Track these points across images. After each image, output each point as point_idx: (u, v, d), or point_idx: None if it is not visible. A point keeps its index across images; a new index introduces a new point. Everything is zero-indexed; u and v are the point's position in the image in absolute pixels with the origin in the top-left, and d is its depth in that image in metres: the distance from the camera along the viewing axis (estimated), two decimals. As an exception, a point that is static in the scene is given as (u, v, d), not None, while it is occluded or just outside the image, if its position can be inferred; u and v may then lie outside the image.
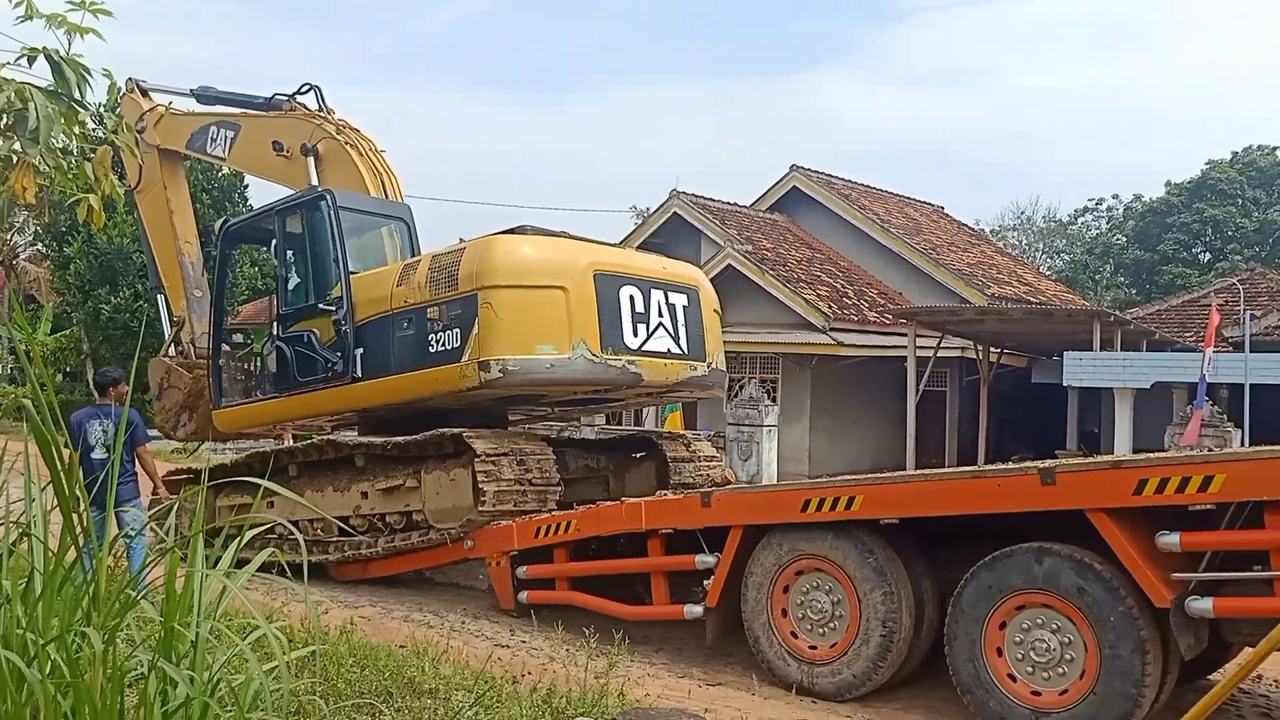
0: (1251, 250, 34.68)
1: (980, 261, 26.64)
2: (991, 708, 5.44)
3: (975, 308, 19.63)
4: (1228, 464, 4.85)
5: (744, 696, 6.11)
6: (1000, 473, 5.63)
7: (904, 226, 25.66)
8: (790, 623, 6.30)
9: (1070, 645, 5.26)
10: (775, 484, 6.65)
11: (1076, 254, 43.24)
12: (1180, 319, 23.40)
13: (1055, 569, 5.29)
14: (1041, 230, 46.23)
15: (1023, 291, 25.29)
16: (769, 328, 21.46)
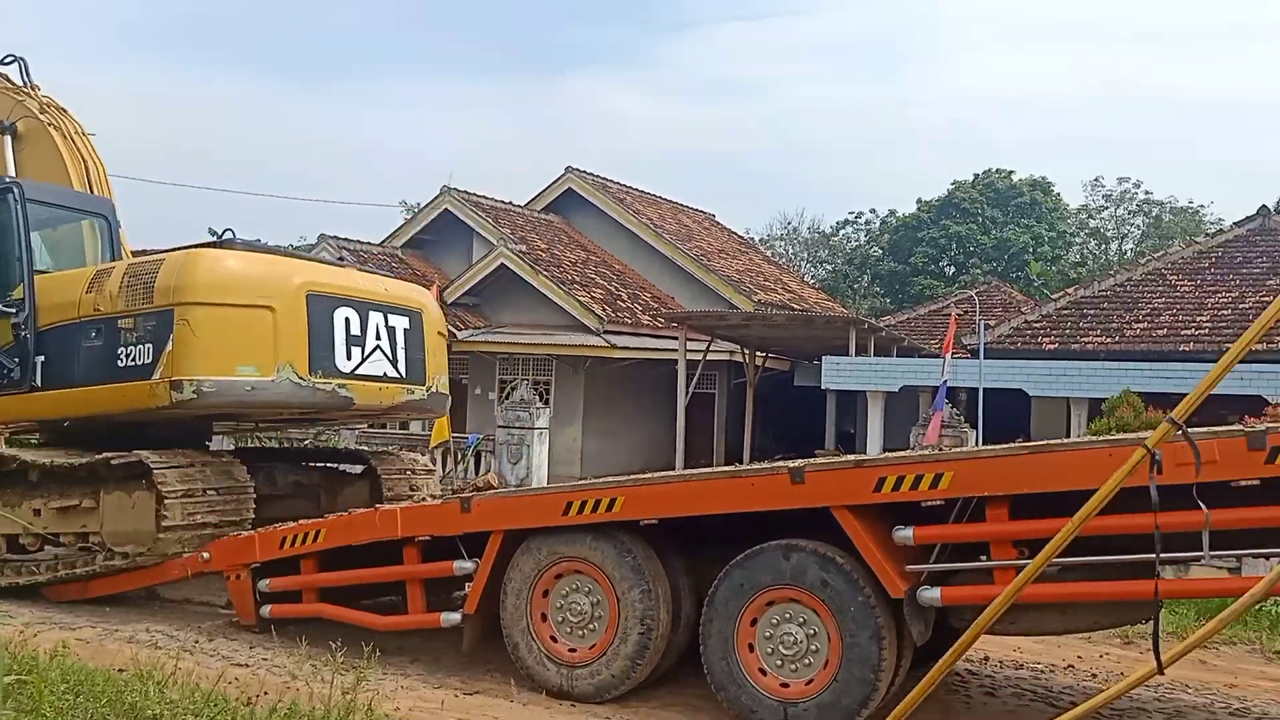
0: (990, 265, 38.29)
1: (749, 269, 27.95)
2: (743, 702, 5.71)
3: (743, 313, 20.58)
4: (954, 463, 5.31)
5: (502, 704, 6.10)
6: (753, 472, 5.90)
7: (677, 232, 26.52)
8: (550, 627, 6.35)
9: (815, 637, 5.61)
10: (536, 487, 6.69)
11: (838, 264, 46.20)
12: (927, 327, 25.55)
13: (801, 564, 5.63)
14: (806, 240, 49.08)
15: (788, 298, 26.75)
16: (542, 329, 21.58)
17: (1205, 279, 20.38)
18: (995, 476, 5.21)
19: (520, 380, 19.69)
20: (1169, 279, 20.71)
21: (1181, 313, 19.52)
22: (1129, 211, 45.43)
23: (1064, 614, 5.50)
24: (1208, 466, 4.60)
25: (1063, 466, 5.06)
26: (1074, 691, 6.96)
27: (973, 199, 39.86)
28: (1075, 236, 43.83)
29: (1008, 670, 7.45)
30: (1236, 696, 6.93)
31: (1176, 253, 22.22)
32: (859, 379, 19.05)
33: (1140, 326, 19.39)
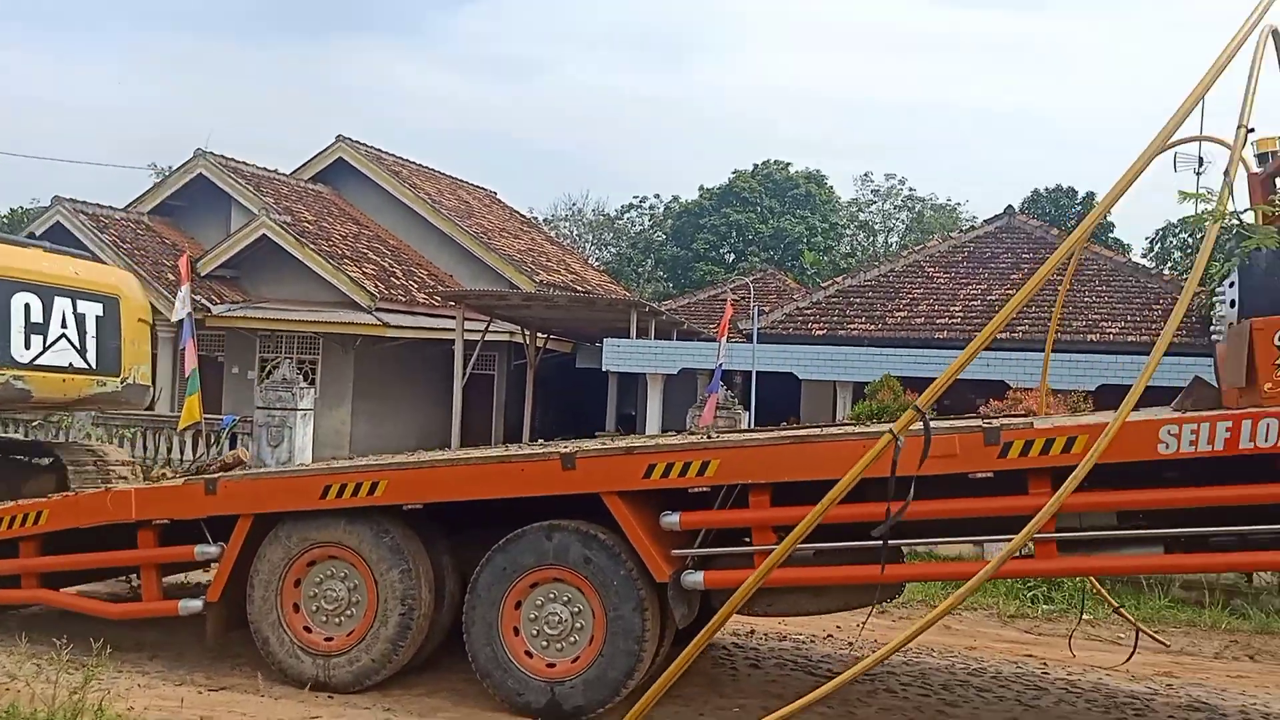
0: (768, 253, 40.07)
1: (531, 248, 27.94)
2: (510, 687, 5.75)
3: (523, 293, 20.57)
4: (720, 451, 5.52)
5: (251, 699, 5.87)
6: (524, 458, 5.92)
7: (456, 209, 26.13)
8: (303, 617, 6.14)
9: (580, 614, 5.73)
10: (290, 468, 6.44)
11: (622, 248, 47.01)
12: (707, 311, 26.46)
13: (564, 543, 5.74)
14: (591, 223, 49.62)
15: (570, 280, 26.95)
16: (308, 306, 20.73)
17: (958, 272, 22.19)
18: (758, 465, 5.46)
19: (283, 359, 18.82)
20: (927, 271, 22.41)
21: (937, 302, 21.18)
22: (895, 206, 48.80)
23: (817, 596, 5.83)
24: (950, 459, 5.07)
25: (821, 456, 5.38)
26: (832, 660, 7.45)
27: (752, 189, 41.55)
28: (846, 228, 46.59)
29: (771, 641, 7.88)
30: (974, 658, 7.66)
31: (934, 247, 24.07)
32: (639, 361, 19.49)
33: (900, 315, 20.89)
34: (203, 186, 22.70)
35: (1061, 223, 32.81)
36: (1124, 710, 6.47)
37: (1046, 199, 38.09)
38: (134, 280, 9.66)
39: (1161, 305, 19.89)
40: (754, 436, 5.71)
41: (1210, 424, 4.82)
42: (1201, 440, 4.80)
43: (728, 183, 42.39)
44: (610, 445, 5.88)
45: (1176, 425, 4.83)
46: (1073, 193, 38.34)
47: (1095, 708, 6.52)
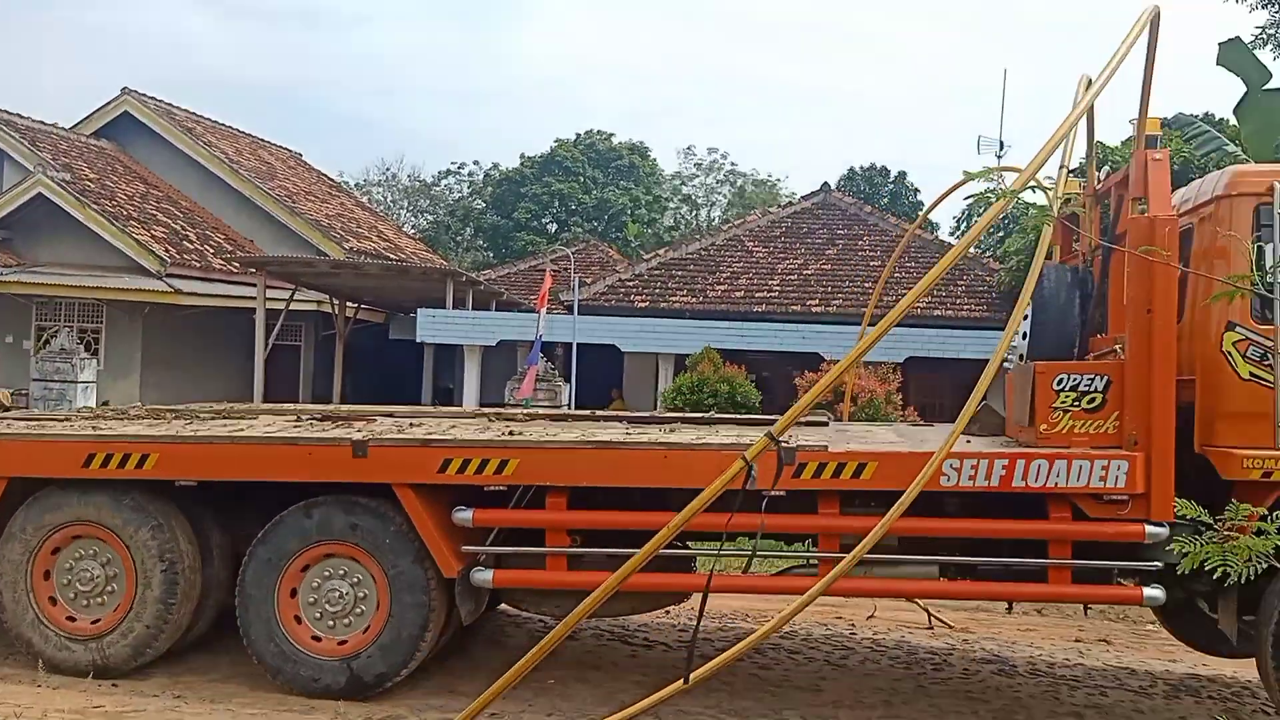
0: (590, 224, 40.21)
1: (340, 213, 27.03)
2: (304, 675, 5.64)
3: (331, 260, 19.87)
4: (520, 450, 5.54)
5: (26, 690, 5.56)
6: (313, 441, 5.74)
7: (257, 170, 24.96)
8: (64, 608, 5.88)
9: (361, 584, 5.69)
10: (55, 431, 6.02)
11: (440, 215, 46.12)
12: (528, 282, 26.33)
13: (327, 517, 5.67)
14: (406, 189, 48.43)
15: (383, 247, 26.23)
16: (90, 271, 19.35)
17: (776, 246, 22.94)
18: (558, 467, 5.53)
19: (62, 328, 17.53)
20: (746, 245, 23.05)
21: (756, 276, 21.83)
22: (717, 180, 49.88)
23: (629, 600, 5.91)
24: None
25: (621, 463, 5.50)
26: (650, 628, 7.62)
27: (575, 158, 41.54)
28: (670, 201, 47.29)
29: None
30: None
31: (754, 221, 24.76)
32: (456, 332, 19.23)
33: (722, 288, 21.42)
34: (-33, 139, 20.80)
35: (875, 200, 34.43)
36: (924, 665, 6.92)
37: (861, 177, 39.83)
38: None
39: (965, 281, 21.17)
40: (556, 439, 5.70)
41: (989, 461, 5.23)
42: (980, 475, 5.21)
43: (550, 151, 42.22)
44: (406, 436, 5.76)
45: (959, 460, 5.21)
46: (885, 171, 40.26)
47: (898, 664, 6.95)
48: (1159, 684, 6.77)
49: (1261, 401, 5.08)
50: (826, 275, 21.70)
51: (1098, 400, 5.28)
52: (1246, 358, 5.17)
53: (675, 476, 5.42)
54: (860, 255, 22.35)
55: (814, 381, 15.50)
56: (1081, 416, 5.29)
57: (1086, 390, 5.28)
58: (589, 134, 43.32)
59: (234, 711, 5.44)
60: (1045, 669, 7.00)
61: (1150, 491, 5.11)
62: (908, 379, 16.35)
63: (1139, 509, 5.14)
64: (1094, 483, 5.13)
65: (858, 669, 6.80)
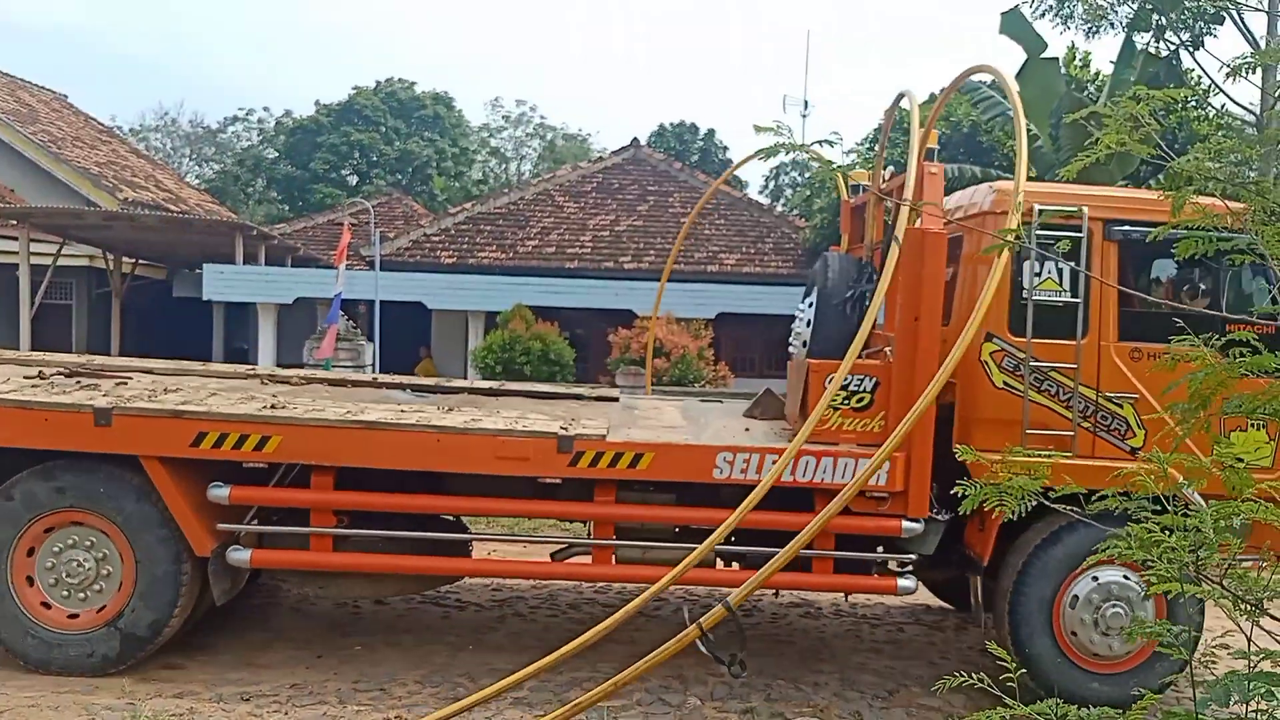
0: (394, 177, 39.04)
1: (112, 161, 25.23)
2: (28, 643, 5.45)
3: (104, 212, 18.53)
4: (284, 427, 5.38)
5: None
6: (50, 405, 5.41)
7: (16, 113, 22.95)
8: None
9: (107, 559, 5.49)
10: None
11: (228, 164, 43.72)
12: (326, 237, 25.36)
13: (60, 485, 5.43)
14: (188, 135, 45.70)
15: (163, 198, 24.68)
16: None
17: (588, 202, 23.00)
18: (324, 446, 5.41)
19: None
20: (557, 200, 23.01)
21: (568, 231, 21.85)
22: (527, 134, 49.38)
23: (373, 582, 5.92)
24: (523, 463, 5.40)
25: (390, 445, 5.41)
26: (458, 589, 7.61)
27: (375, 107, 40.13)
28: (478, 154, 46.50)
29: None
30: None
31: (564, 175, 24.72)
32: (248, 290, 18.39)
33: (532, 244, 21.33)
34: None
35: (685, 157, 34.98)
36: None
37: (671, 134, 40.28)
38: None
39: (773, 239, 21.88)
40: (321, 416, 5.52)
41: (760, 455, 5.49)
42: (751, 469, 5.47)
43: (348, 99, 40.61)
44: (156, 405, 5.47)
45: (731, 453, 5.48)
46: (695, 128, 40.88)
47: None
48: (949, 618, 7.31)
49: (1013, 409, 5.47)
50: (638, 231, 21.95)
51: (866, 400, 5.59)
52: (1001, 367, 5.55)
53: (449, 460, 5.43)
54: (671, 212, 22.71)
55: (628, 338, 15.74)
56: (850, 415, 5.59)
57: (856, 390, 5.58)
58: (389, 82, 41.92)
59: (8, 694, 5.15)
60: (848, 610, 7.44)
61: (909, 489, 5.46)
62: (719, 335, 16.82)
63: (898, 505, 5.49)
64: None
65: (672, 619, 7.02)
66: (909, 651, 6.55)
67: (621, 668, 5.89)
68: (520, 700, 5.37)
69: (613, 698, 5.46)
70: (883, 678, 6.05)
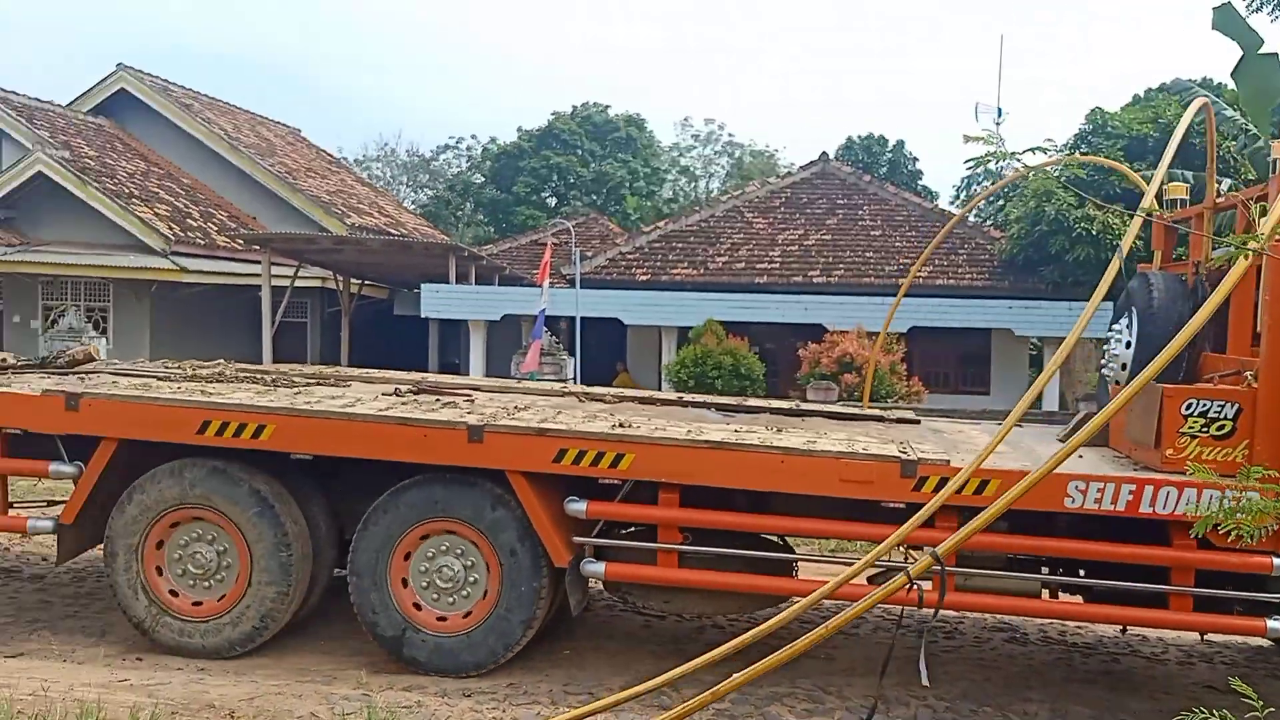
0: (590, 197, 40.02)
1: (340, 190, 26.91)
2: (411, 649, 5.63)
3: (334, 236, 19.82)
4: (637, 445, 5.42)
5: (53, 665, 5.57)
6: (428, 423, 5.63)
7: (257, 146, 24.82)
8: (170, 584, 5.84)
9: (475, 565, 5.66)
10: (167, 395, 5.85)
11: (439, 190, 45.87)
12: (529, 256, 26.24)
13: (440, 496, 5.60)
14: (405, 164, 48.17)
15: (384, 223, 26.15)
16: (94, 249, 19.31)
17: (776, 217, 22.87)
18: (672, 465, 5.43)
19: (69, 306, 17.51)
20: (746, 216, 22.98)
21: (757, 247, 21.78)
22: (715, 152, 49.61)
23: (712, 599, 5.88)
24: (865, 486, 5.25)
25: (731, 464, 5.35)
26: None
27: (572, 131, 41.27)
28: (668, 173, 47.05)
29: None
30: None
31: (753, 192, 24.67)
32: (460, 308, 19.20)
33: (722, 260, 21.37)
34: (-36, 117, 20.68)
35: (874, 170, 34.25)
36: (935, 634, 6.96)
37: (859, 146, 39.58)
38: None
39: (966, 250, 21.12)
40: (672, 437, 5.55)
41: (1115, 485, 5.08)
42: (1105, 499, 5.08)
43: (547, 124, 41.93)
44: (521, 423, 5.64)
45: (1084, 482, 5.09)
46: (884, 140, 40.00)
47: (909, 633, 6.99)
48: (1171, 650, 6.82)
49: None
50: (827, 245, 21.64)
51: (1227, 428, 5.14)
52: None
53: (790, 481, 5.38)
54: (860, 225, 22.28)
55: (818, 353, 15.53)
56: (1209, 444, 5.14)
57: (1216, 417, 5.14)
58: (585, 106, 43.03)
59: (257, 682, 5.47)
60: (1057, 637, 7.05)
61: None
62: (911, 348, 16.37)
63: (1270, 541, 4.83)
64: None
65: (869, 638, 6.84)
66: (1127, 685, 6.14)
67: (821, 685, 5.82)
68: (722, 712, 5.35)
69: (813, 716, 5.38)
70: (1098, 710, 5.69)
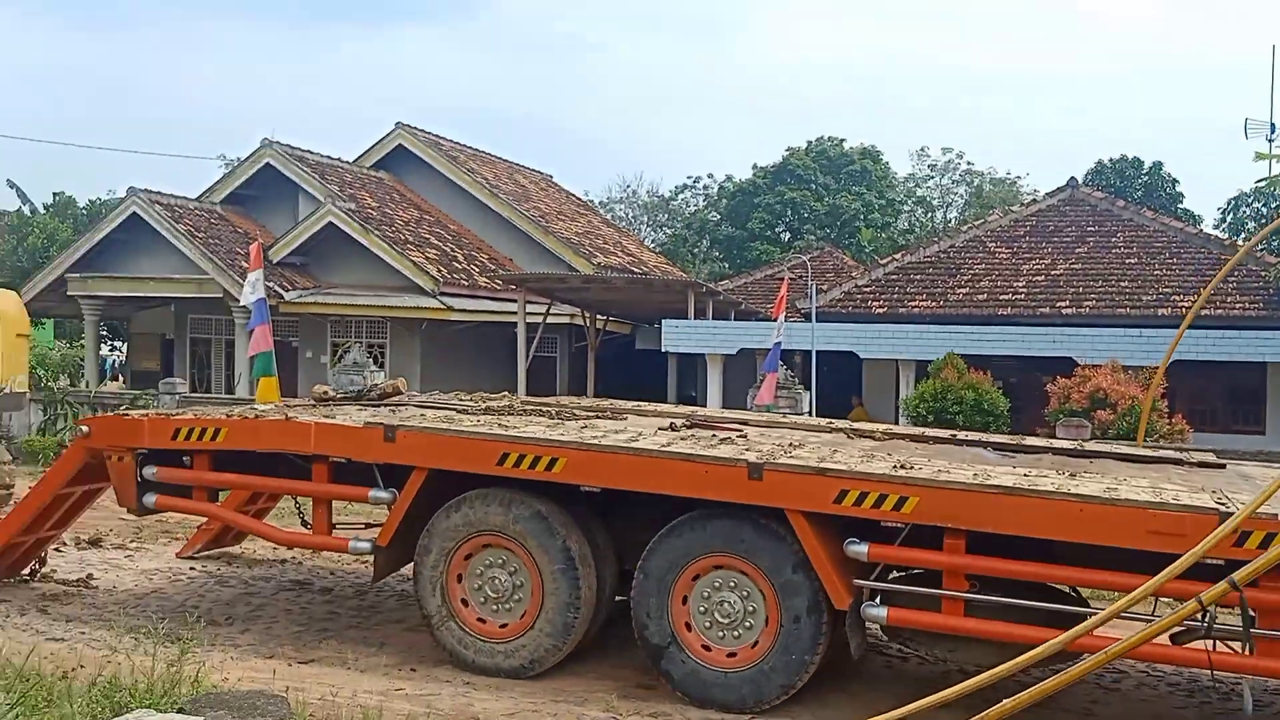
0: (823, 231, 39.63)
1: (588, 231, 28.00)
2: (698, 682, 5.64)
3: (582, 275, 20.63)
4: (921, 488, 5.19)
5: (339, 672, 6.01)
6: (710, 459, 5.61)
7: (514, 193, 26.26)
8: (474, 610, 6.09)
9: (750, 598, 5.59)
10: (470, 429, 6.21)
11: (677, 228, 46.81)
12: (764, 291, 26.29)
13: (721, 531, 5.59)
14: (646, 204, 49.49)
15: (627, 262, 26.97)
16: (375, 291, 21.02)
17: (1021, 246, 21.78)
18: (958, 509, 5.16)
19: (353, 343, 19.14)
20: (988, 246, 22.03)
21: (1000, 278, 20.82)
22: (953, 181, 47.92)
23: (1002, 650, 5.39)
24: (1177, 540, 4.70)
25: (1022, 511, 5.06)
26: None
27: (806, 166, 41.07)
28: (904, 204, 45.88)
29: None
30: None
31: (995, 221, 23.62)
32: (698, 342, 19.47)
33: (963, 291, 20.58)
34: (270, 175, 23.07)
35: (1127, 194, 31.94)
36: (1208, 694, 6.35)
37: (1111, 170, 37.01)
38: (14, 298, 11.63)
39: (1235, 278, 19.32)
40: (955, 479, 5.29)
41: None
42: None
43: (781, 160, 41.93)
44: (800, 462, 5.52)
45: None
46: (1138, 163, 37.23)
47: (1177, 692, 6.41)
48: None
49: None
50: (1077, 275, 20.39)
51: None
52: None
53: (1088, 531, 4.96)
54: (1114, 253, 20.86)
55: (1068, 388, 14.61)
56: None
57: None
58: (820, 140, 42.72)
59: (516, 699, 5.71)
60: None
61: None
62: (1173, 384, 15.12)
63: None
64: None
65: (1132, 694, 6.34)
66: None
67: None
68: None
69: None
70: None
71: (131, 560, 8.87)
